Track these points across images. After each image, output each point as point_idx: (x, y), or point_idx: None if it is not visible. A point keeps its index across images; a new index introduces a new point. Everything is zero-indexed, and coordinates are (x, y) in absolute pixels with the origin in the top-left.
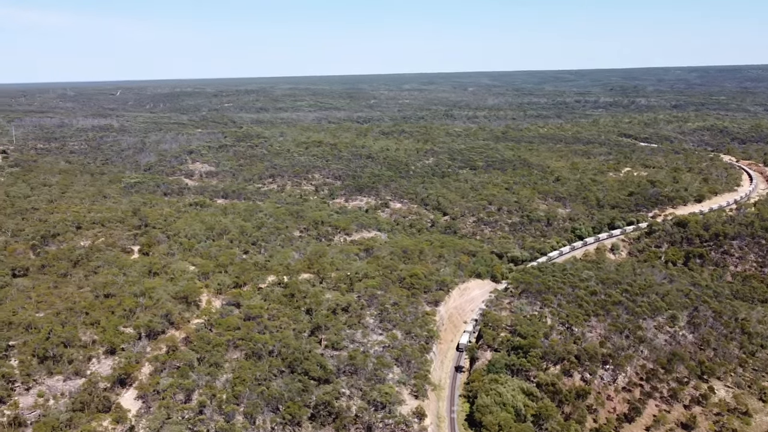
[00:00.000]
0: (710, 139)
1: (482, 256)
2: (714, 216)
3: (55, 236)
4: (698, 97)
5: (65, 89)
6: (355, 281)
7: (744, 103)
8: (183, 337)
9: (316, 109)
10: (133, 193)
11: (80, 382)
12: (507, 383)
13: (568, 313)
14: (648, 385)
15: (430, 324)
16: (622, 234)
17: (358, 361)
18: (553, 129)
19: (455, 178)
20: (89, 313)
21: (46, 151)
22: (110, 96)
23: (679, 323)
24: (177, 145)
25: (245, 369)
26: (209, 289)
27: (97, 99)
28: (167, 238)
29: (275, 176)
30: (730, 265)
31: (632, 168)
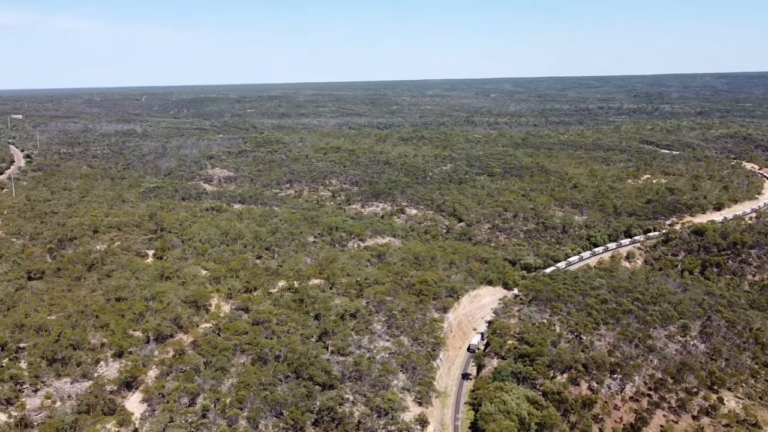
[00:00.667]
0: (733, 146)
1: (494, 263)
2: (732, 224)
3: (72, 240)
4: (724, 104)
5: (92, 95)
6: (365, 287)
7: None
8: (190, 341)
9: (337, 115)
10: (151, 198)
11: (87, 385)
12: (512, 391)
13: (577, 321)
14: (656, 395)
15: (438, 331)
16: (639, 242)
17: (363, 367)
18: (574, 135)
19: (472, 184)
20: (99, 316)
21: (69, 155)
22: (135, 101)
23: (691, 333)
24: (197, 151)
25: (250, 374)
26: (219, 294)
27: (123, 104)
28: (182, 243)
29: (293, 182)
30: (747, 274)
31: (652, 175)
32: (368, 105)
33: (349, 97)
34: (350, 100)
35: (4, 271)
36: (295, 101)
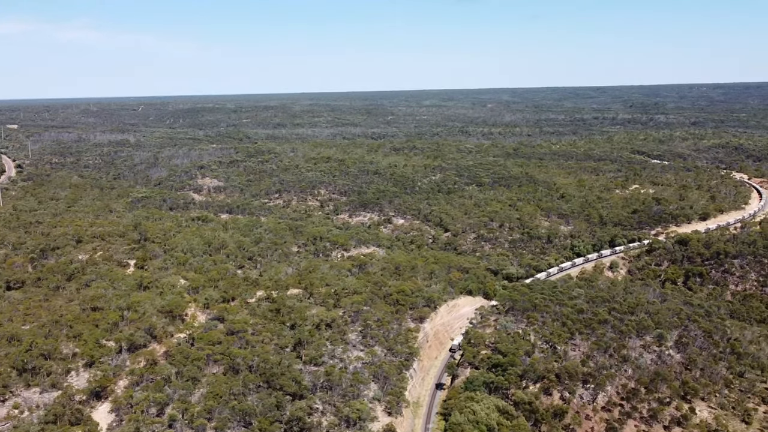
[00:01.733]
0: (724, 156)
1: (475, 273)
2: (717, 234)
3: (55, 250)
4: (719, 114)
5: (89, 105)
6: (342, 297)
7: (765, 120)
8: (163, 351)
9: (332, 125)
10: (138, 208)
11: (56, 395)
12: (482, 401)
13: (552, 331)
14: (628, 404)
15: (412, 341)
16: (622, 252)
17: (333, 377)
18: (566, 146)
19: (460, 194)
20: (73, 326)
21: (61, 165)
22: (132, 111)
23: (667, 343)
24: (188, 161)
25: (220, 384)
26: (197, 304)
27: (119, 115)
28: (163, 253)
29: (282, 192)
30: (730, 284)
31: (640, 185)
32: (364, 115)
33: (346, 107)
34: (346, 110)
35: None
36: (291, 111)
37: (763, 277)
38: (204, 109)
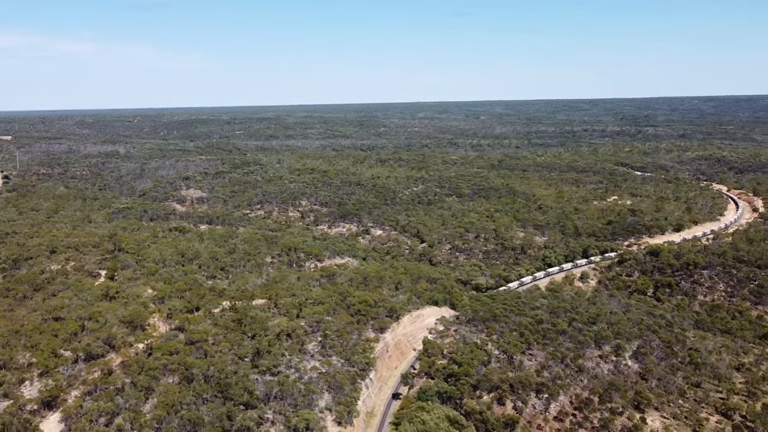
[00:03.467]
0: (707, 168)
1: (443, 284)
2: (688, 245)
3: (28, 260)
4: (707, 127)
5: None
6: (305, 307)
7: (752, 132)
8: (120, 362)
9: (324, 137)
10: (119, 219)
11: (6, 404)
12: (433, 411)
13: (509, 341)
14: (581, 414)
15: (369, 351)
16: (594, 263)
17: (286, 387)
18: (551, 157)
19: (440, 205)
20: (32, 336)
21: (48, 176)
22: (127, 123)
23: (625, 353)
24: (174, 172)
25: (173, 393)
26: (160, 314)
27: (114, 126)
28: (135, 263)
29: (263, 203)
30: (698, 295)
31: (619, 197)
32: (356, 127)
33: (339, 119)
34: (339, 122)
35: None
36: (285, 123)
37: (731, 288)
38: (198, 120)
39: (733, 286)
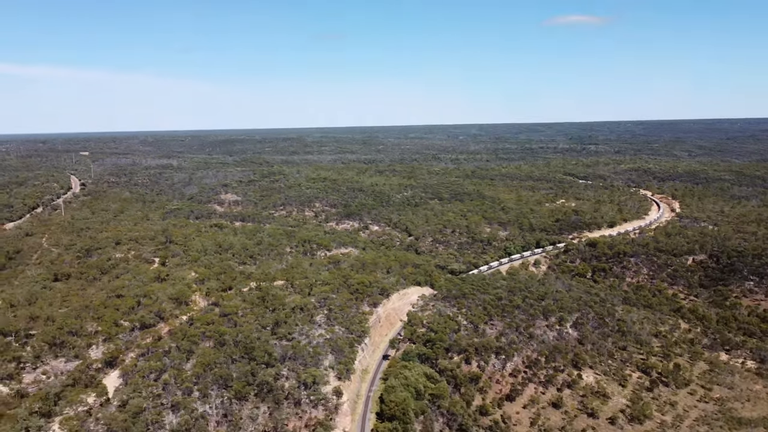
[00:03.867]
0: (636, 177)
1: (424, 268)
2: (619, 238)
3: (98, 249)
4: (637, 145)
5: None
6: (315, 287)
7: (673, 149)
8: (167, 330)
9: (335, 152)
10: (171, 217)
11: (77, 363)
12: (413, 369)
13: (475, 314)
14: (530, 371)
15: (364, 322)
16: (545, 252)
17: (298, 350)
18: (513, 169)
19: (425, 207)
20: (98, 309)
21: (116, 184)
22: (180, 142)
23: (567, 323)
24: (216, 180)
25: (208, 355)
26: (201, 292)
27: (169, 144)
28: (182, 252)
29: (285, 204)
30: (627, 277)
31: (566, 200)
32: (360, 145)
33: (348, 138)
34: (347, 141)
35: (37, 273)
36: (305, 142)
37: (652, 272)
38: (236, 140)
39: (654, 271)
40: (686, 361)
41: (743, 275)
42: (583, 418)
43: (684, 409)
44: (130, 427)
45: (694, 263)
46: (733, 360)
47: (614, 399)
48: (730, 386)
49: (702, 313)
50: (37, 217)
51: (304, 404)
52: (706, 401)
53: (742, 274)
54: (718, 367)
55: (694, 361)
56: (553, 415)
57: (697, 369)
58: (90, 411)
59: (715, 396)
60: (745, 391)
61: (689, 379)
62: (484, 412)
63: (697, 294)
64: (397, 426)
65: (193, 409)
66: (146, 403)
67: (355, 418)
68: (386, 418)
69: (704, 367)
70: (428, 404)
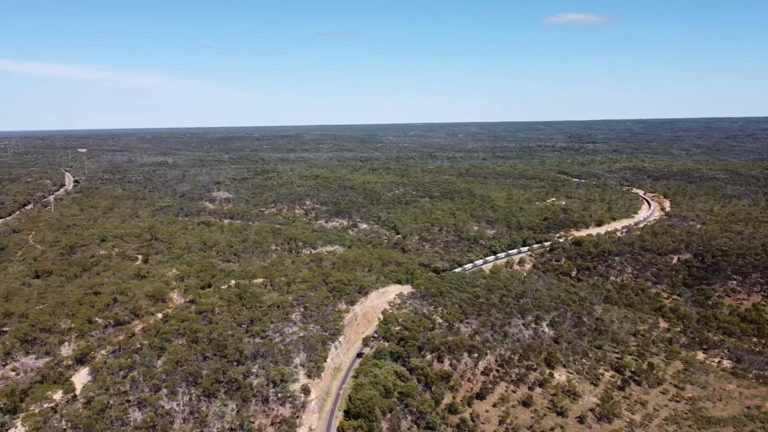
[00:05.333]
0: (631, 176)
1: (406, 267)
2: (606, 237)
3: (82, 246)
4: (635, 144)
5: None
6: (293, 284)
7: (670, 148)
8: (141, 327)
9: (332, 150)
10: (161, 215)
11: (47, 360)
12: (384, 367)
13: (450, 312)
14: (502, 370)
15: (339, 320)
16: (531, 250)
17: (268, 347)
18: (507, 168)
19: (414, 205)
20: (74, 306)
21: (110, 181)
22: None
23: (543, 322)
24: (209, 178)
25: (179, 352)
26: (179, 290)
27: (168, 142)
28: (166, 250)
29: (276, 202)
30: (611, 276)
31: (556, 198)
32: (358, 143)
33: (346, 136)
34: (345, 139)
35: (19, 270)
36: (303, 140)
37: (637, 271)
38: (235, 137)
39: (638, 269)
40: (662, 360)
41: (727, 274)
42: (552, 416)
43: (654, 408)
44: (93, 424)
45: (679, 262)
46: (709, 359)
47: (585, 398)
48: (704, 385)
49: (683, 312)
50: (27, 214)
51: (272, 402)
52: (678, 400)
53: (725, 273)
54: (693, 367)
55: (670, 360)
56: (523, 413)
57: (672, 368)
58: (55, 408)
59: (687, 395)
60: (718, 391)
61: (662, 378)
62: (453, 411)
63: (680, 293)
64: (362, 424)
65: (158, 406)
66: (112, 400)
67: (323, 416)
68: (353, 416)
69: (679, 367)
70: (396, 402)
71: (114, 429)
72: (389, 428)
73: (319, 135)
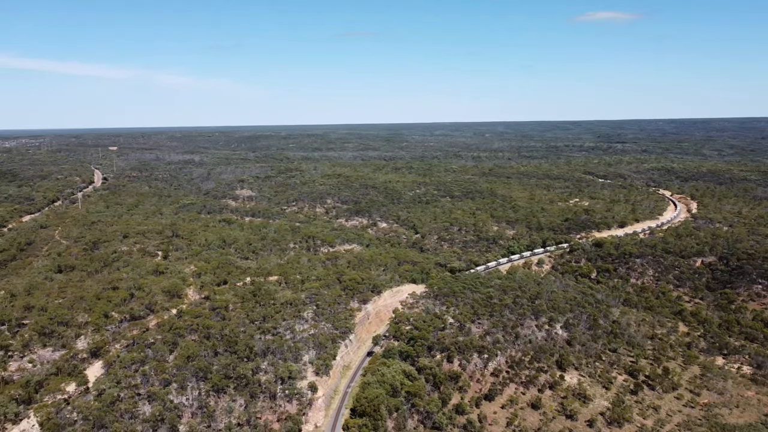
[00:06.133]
0: (658, 177)
1: (422, 266)
2: (627, 239)
3: (105, 242)
4: (666, 144)
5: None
6: (307, 282)
7: (702, 148)
8: (155, 323)
9: (357, 149)
10: (184, 212)
11: (63, 353)
12: (392, 366)
13: (462, 312)
14: (512, 371)
15: (351, 319)
16: (550, 251)
17: (278, 344)
18: (532, 167)
19: (435, 204)
20: (92, 301)
21: (137, 178)
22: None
23: (557, 323)
24: (233, 176)
25: (191, 347)
26: (195, 286)
27: (196, 140)
28: (186, 246)
29: (298, 200)
30: (631, 278)
31: (580, 199)
32: (384, 142)
33: (372, 135)
34: (371, 138)
35: (43, 264)
36: (329, 138)
37: (658, 273)
38: (262, 136)
39: (660, 272)
40: (679, 364)
41: (752, 278)
42: (561, 419)
43: (667, 413)
44: (103, 416)
45: (702, 265)
46: (729, 365)
47: (596, 401)
48: (720, 391)
49: (704, 317)
50: (55, 210)
51: (279, 398)
52: (692, 406)
53: (750, 277)
54: (711, 372)
55: (688, 365)
56: (531, 415)
57: (689, 373)
58: (68, 399)
59: (703, 401)
60: (735, 397)
61: (677, 383)
62: (460, 411)
63: (702, 297)
64: (367, 422)
65: (168, 400)
66: (122, 393)
67: (329, 413)
68: (358, 414)
69: (697, 372)
70: (403, 401)
71: (123, 421)
72: (395, 427)
73: (345, 134)
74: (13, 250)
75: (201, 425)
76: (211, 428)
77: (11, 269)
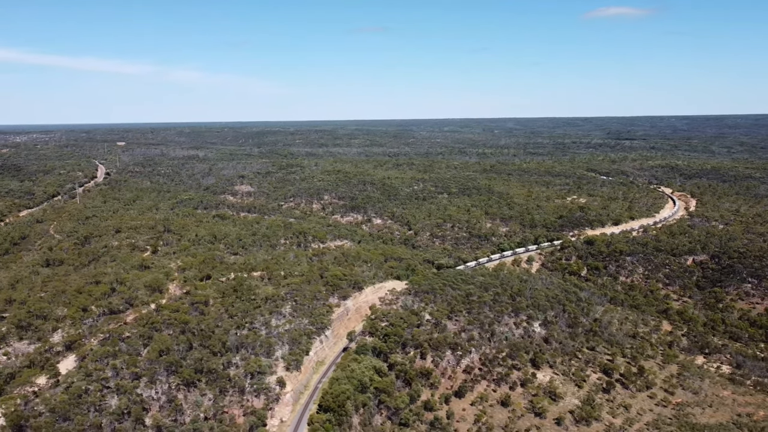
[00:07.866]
0: (661, 174)
1: (408, 262)
2: (619, 237)
3: (97, 237)
4: (675, 141)
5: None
6: (289, 278)
7: (712, 145)
8: (133, 317)
9: (363, 145)
10: (181, 207)
11: (37, 346)
12: (362, 362)
13: (439, 309)
14: (485, 368)
15: (328, 314)
16: (541, 249)
17: (251, 339)
18: (534, 164)
19: (431, 201)
20: (73, 295)
21: (139, 173)
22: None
23: (535, 321)
24: (234, 171)
25: (164, 341)
26: (178, 281)
27: (205, 136)
28: (175, 242)
29: (295, 196)
30: (621, 276)
31: (578, 196)
32: (391, 138)
33: (380, 131)
34: (379, 134)
35: (32, 258)
36: (336, 134)
37: (648, 272)
38: (270, 132)
39: (650, 270)
40: (657, 363)
41: (742, 277)
42: (530, 417)
43: (638, 412)
44: (69, 409)
45: (693, 264)
46: (708, 364)
47: (566, 399)
48: (696, 391)
49: (689, 315)
50: (53, 205)
51: (248, 393)
52: (664, 405)
53: (740, 275)
54: (689, 371)
55: (666, 363)
56: (500, 413)
57: (666, 372)
58: (37, 392)
59: (676, 400)
60: (710, 397)
61: (652, 382)
62: (429, 408)
63: (690, 295)
64: (331, 418)
65: (135, 393)
66: (91, 386)
67: (297, 408)
68: (324, 409)
69: (674, 371)
70: (371, 397)
71: (89, 414)
72: (361, 423)
73: (353, 130)
74: (6, 245)
75: (167, 419)
76: (177, 422)
77: (2, 263)
